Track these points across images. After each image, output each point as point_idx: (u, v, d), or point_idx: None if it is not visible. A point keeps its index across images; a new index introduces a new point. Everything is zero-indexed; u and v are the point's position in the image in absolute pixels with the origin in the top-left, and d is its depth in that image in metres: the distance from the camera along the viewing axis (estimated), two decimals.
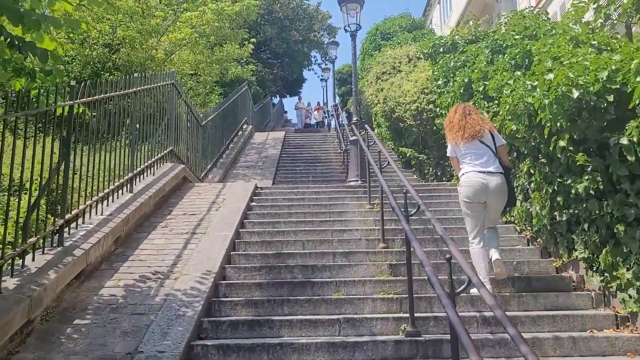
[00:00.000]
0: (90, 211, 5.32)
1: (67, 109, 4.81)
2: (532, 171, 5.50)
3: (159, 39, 12.06)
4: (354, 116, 11.41)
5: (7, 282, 3.79)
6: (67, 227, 4.82)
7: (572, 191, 4.60)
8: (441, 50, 9.43)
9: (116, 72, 10.92)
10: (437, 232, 4.55)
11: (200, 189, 8.09)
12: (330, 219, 6.99)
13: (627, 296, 4.21)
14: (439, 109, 9.03)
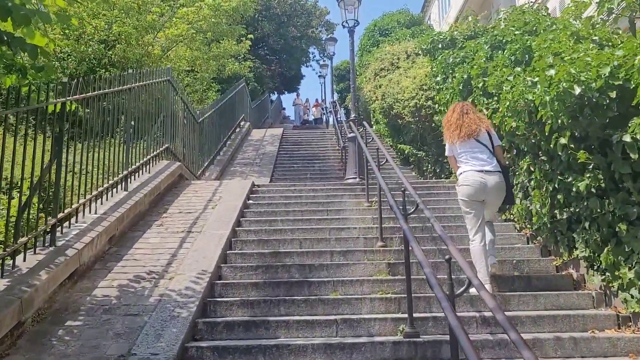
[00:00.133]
0: (83, 210, 5.25)
1: (59, 106, 4.71)
2: (532, 169, 5.44)
3: (155, 35, 11.93)
4: (352, 113, 11.32)
5: None
6: (60, 226, 4.74)
7: (573, 189, 4.53)
8: (440, 46, 9.34)
9: (112, 68, 10.80)
10: (435, 231, 4.48)
11: (196, 187, 8.01)
12: (328, 217, 6.92)
13: (629, 296, 4.15)
14: (437, 105, 8.95)
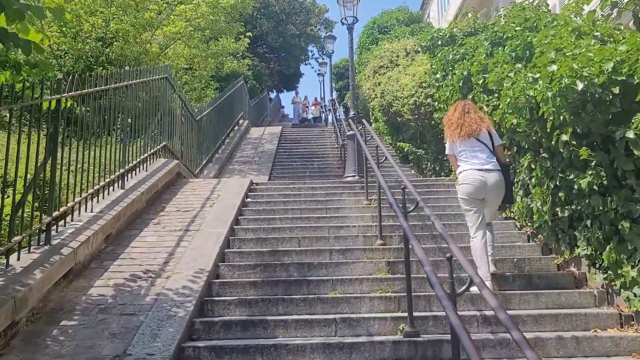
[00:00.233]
0: (79, 208, 5.19)
1: (54, 102, 4.65)
2: (533, 166, 5.39)
3: (153, 33, 11.86)
4: (351, 110, 11.25)
5: None
6: (55, 225, 4.68)
7: (575, 186, 4.48)
8: (440, 43, 9.26)
9: (109, 66, 10.72)
10: (436, 229, 4.43)
11: (194, 185, 7.95)
12: (326, 215, 6.86)
13: (632, 294, 4.10)
14: (437, 102, 8.88)
